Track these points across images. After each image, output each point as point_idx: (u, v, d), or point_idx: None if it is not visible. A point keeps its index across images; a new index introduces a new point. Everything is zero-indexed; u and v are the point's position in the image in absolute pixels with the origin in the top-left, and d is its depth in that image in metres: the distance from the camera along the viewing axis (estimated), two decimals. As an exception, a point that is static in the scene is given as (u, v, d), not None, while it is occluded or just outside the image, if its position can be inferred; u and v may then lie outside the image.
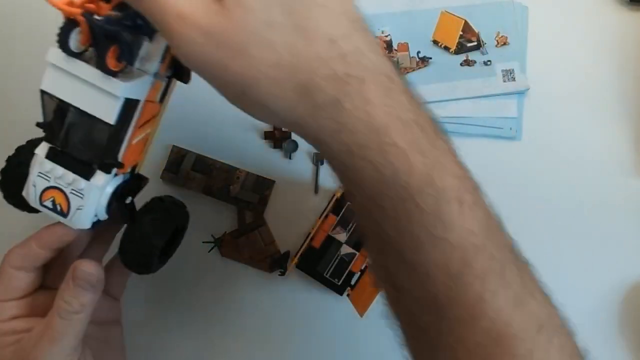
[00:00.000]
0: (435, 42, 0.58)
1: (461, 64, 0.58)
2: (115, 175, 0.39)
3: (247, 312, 0.55)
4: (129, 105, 0.36)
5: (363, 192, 0.28)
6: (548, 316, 0.30)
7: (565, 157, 0.58)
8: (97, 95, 0.34)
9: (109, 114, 0.35)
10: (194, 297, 0.55)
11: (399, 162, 0.27)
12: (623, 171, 0.58)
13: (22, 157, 0.40)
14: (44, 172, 0.38)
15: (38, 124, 0.38)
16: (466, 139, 0.58)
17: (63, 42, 0.32)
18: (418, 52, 0.58)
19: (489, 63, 0.59)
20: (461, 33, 0.59)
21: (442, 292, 0.27)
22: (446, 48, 0.58)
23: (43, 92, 0.36)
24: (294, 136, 0.56)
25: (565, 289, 0.48)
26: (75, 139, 0.37)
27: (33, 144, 0.40)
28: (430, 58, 0.58)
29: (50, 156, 0.38)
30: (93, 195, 0.38)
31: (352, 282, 0.56)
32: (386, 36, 0.58)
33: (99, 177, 0.38)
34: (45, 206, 0.38)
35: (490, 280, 0.27)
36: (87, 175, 0.37)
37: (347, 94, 0.26)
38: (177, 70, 0.39)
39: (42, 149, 0.38)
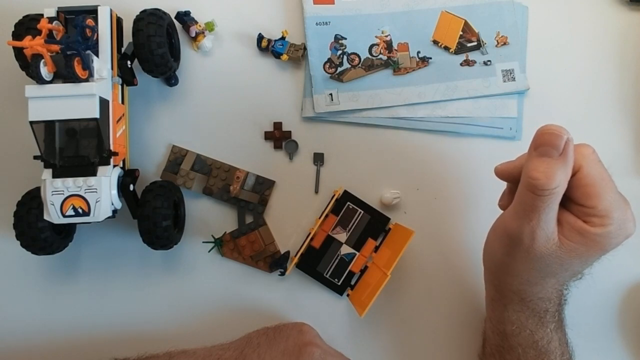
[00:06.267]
0: (435, 42, 0.58)
1: (461, 64, 0.58)
2: (114, 166, 0.47)
3: (248, 312, 0.55)
4: (103, 104, 0.45)
5: None
6: None
7: (565, 157, 0.58)
8: (77, 101, 0.43)
9: (92, 110, 0.43)
10: (194, 296, 0.55)
11: None
12: (623, 171, 0.58)
13: (27, 204, 0.47)
14: (56, 188, 0.44)
15: (35, 157, 0.44)
16: (466, 139, 0.58)
17: (37, 73, 0.40)
18: (418, 52, 0.58)
19: (489, 63, 0.58)
20: (461, 33, 0.59)
21: None
22: (446, 48, 0.58)
23: (32, 123, 0.42)
24: (295, 136, 0.56)
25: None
26: (70, 151, 0.44)
27: (30, 195, 0.47)
28: (430, 58, 0.58)
29: (56, 175, 0.44)
30: (104, 185, 0.45)
31: (352, 282, 0.56)
32: (386, 36, 0.58)
33: (102, 169, 0.45)
34: (68, 216, 0.44)
35: None
36: (92, 172, 0.45)
37: None
38: (124, 76, 0.50)
39: (47, 174, 0.44)
